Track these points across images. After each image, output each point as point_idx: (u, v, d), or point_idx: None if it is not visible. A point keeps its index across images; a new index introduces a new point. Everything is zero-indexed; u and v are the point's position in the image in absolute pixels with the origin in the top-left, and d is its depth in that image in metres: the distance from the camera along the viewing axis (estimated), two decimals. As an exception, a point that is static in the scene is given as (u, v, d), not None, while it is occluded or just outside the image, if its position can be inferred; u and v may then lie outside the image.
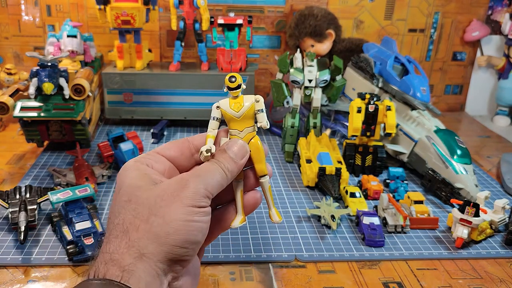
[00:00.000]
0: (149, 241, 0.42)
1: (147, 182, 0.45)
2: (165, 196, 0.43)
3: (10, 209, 0.77)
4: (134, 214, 0.43)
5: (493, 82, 1.54)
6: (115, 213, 0.44)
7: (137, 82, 1.23)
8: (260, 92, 1.47)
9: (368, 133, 1.02)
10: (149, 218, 0.42)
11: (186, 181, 0.44)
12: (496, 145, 1.29)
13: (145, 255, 0.41)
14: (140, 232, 0.42)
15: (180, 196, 0.43)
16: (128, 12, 1.17)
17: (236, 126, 0.49)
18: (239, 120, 0.49)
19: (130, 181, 0.45)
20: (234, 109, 0.48)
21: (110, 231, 0.43)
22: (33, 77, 1.01)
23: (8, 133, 1.22)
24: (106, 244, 0.43)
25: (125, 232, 0.42)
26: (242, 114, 0.48)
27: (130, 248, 0.41)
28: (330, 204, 0.86)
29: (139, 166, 0.47)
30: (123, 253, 0.41)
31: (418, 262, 0.76)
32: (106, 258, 0.41)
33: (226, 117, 0.49)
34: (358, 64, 1.24)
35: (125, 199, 0.44)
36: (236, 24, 1.22)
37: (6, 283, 0.67)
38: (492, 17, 1.47)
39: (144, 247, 0.41)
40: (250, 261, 0.74)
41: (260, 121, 0.49)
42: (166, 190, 0.44)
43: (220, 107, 0.49)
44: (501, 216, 0.85)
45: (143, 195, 0.44)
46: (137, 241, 0.41)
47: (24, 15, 1.36)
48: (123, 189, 0.45)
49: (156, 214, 0.42)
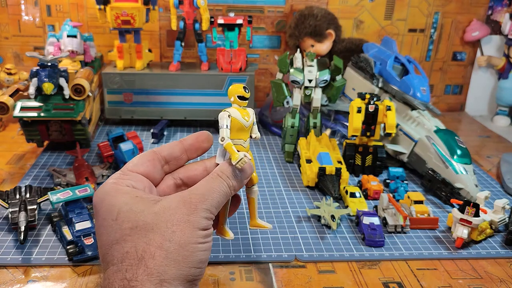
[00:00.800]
0: (168, 267, 0.42)
1: (146, 205, 0.45)
2: (175, 221, 0.44)
3: (10, 209, 0.77)
4: (146, 241, 0.43)
5: (493, 82, 1.54)
6: (117, 240, 0.44)
7: (137, 82, 1.23)
8: (260, 92, 1.47)
9: (368, 133, 1.02)
10: (164, 244, 0.43)
11: (195, 206, 0.45)
12: (496, 145, 1.29)
13: (165, 281, 0.42)
14: (157, 259, 0.42)
15: (190, 221, 0.44)
16: (128, 12, 1.18)
17: (242, 136, 0.50)
18: (247, 130, 0.50)
19: (128, 207, 0.45)
20: (244, 118, 0.50)
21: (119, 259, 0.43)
22: (33, 77, 1.01)
23: (8, 133, 1.22)
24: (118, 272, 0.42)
25: (140, 260, 0.42)
26: (250, 124, 0.50)
27: (150, 276, 0.42)
28: (330, 204, 0.86)
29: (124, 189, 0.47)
30: (143, 280, 0.42)
31: (418, 262, 0.76)
32: (125, 284, 0.42)
33: (235, 126, 0.49)
34: (358, 64, 1.24)
35: (129, 226, 0.44)
36: (236, 24, 1.22)
37: (6, 283, 0.67)
38: (492, 17, 1.47)
39: (164, 272, 0.42)
40: (250, 261, 0.74)
41: (255, 133, 0.52)
42: (175, 214, 0.44)
43: (231, 115, 0.49)
44: (501, 216, 0.85)
45: (150, 220, 0.44)
46: (156, 268, 0.42)
47: (24, 15, 1.36)
48: (122, 215, 0.44)
49: (171, 240, 0.43)
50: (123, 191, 0.46)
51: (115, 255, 0.44)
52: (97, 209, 0.47)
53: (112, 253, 0.44)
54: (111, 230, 0.44)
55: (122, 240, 0.43)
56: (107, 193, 0.47)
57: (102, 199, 0.46)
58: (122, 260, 0.43)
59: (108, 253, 0.44)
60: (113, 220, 0.45)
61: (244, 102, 0.50)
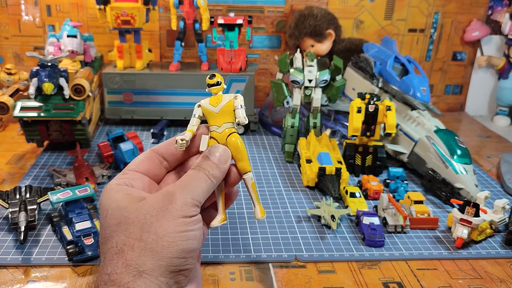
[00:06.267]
0: (146, 258, 0.42)
1: (131, 201, 0.45)
2: (153, 211, 0.44)
3: (10, 209, 0.77)
4: (126, 234, 0.43)
5: (493, 82, 1.54)
6: (106, 237, 0.44)
7: (137, 82, 1.23)
8: (260, 92, 1.47)
9: (368, 133, 1.02)
10: (142, 236, 0.43)
11: (173, 195, 0.45)
12: (496, 145, 1.29)
13: (144, 272, 0.42)
14: (135, 250, 0.42)
15: (169, 209, 0.44)
16: (128, 12, 1.18)
17: (214, 121, 0.50)
18: (218, 115, 0.50)
19: (115, 204, 0.45)
20: (213, 104, 0.50)
21: (104, 254, 0.44)
22: (33, 77, 1.01)
23: (8, 133, 1.22)
24: (102, 267, 0.43)
25: (120, 253, 0.42)
26: (220, 109, 0.50)
27: (128, 267, 0.42)
28: (330, 204, 0.86)
29: (121, 187, 0.47)
30: (121, 272, 0.41)
31: (418, 262, 0.76)
32: (105, 279, 0.42)
33: (205, 113, 0.51)
34: (358, 64, 1.24)
35: (114, 222, 0.44)
36: (236, 24, 1.22)
37: (6, 283, 0.67)
38: (492, 17, 1.47)
39: (142, 264, 0.42)
40: (250, 261, 0.74)
41: (237, 117, 0.50)
42: (154, 205, 0.44)
43: (201, 105, 0.51)
44: (501, 216, 0.85)
45: (131, 214, 0.44)
46: (135, 260, 0.42)
47: (24, 15, 1.36)
48: (110, 213, 0.45)
49: (149, 230, 0.43)
50: (116, 190, 0.47)
51: (103, 252, 0.44)
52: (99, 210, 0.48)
53: (102, 250, 0.45)
54: (102, 228, 0.45)
55: (110, 236, 0.44)
56: (107, 191, 0.47)
57: (102, 198, 0.47)
58: (105, 256, 0.43)
59: (100, 251, 0.45)
60: (103, 218, 0.45)
61: (213, 88, 0.50)
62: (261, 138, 1.24)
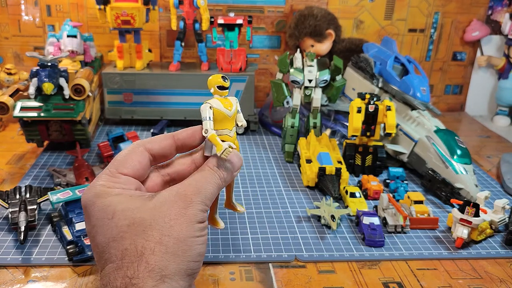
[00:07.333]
0: (168, 262, 0.42)
1: (141, 202, 0.45)
2: (172, 215, 0.44)
3: (10, 209, 0.77)
4: (145, 237, 0.43)
5: (493, 82, 1.54)
6: (115, 238, 0.43)
7: (137, 82, 1.23)
8: (260, 92, 1.47)
9: (368, 133, 1.02)
10: (162, 240, 0.43)
11: (190, 200, 0.45)
12: (496, 145, 1.29)
13: (167, 276, 0.42)
14: (156, 254, 0.42)
15: (187, 214, 0.44)
16: (128, 12, 1.18)
17: (227, 125, 0.50)
18: (230, 119, 0.50)
19: (122, 205, 0.45)
20: (227, 107, 0.50)
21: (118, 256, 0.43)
22: (33, 77, 1.01)
23: (8, 133, 1.22)
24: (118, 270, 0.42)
25: (140, 256, 0.42)
26: (233, 113, 0.50)
27: (151, 272, 0.42)
28: (330, 204, 0.86)
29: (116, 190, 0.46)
30: (144, 277, 0.41)
31: (418, 262, 0.76)
32: (126, 282, 0.42)
33: (218, 116, 0.49)
34: (358, 64, 1.24)
35: (126, 223, 0.44)
36: (236, 24, 1.22)
37: (6, 283, 0.67)
38: (492, 17, 1.47)
39: (165, 268, 0.42)
40: (250, 261, 0.74)
41: (240, 120, 0.51)
42: (171, 208, 0.44)
43: (213, 106, 0.49)
44: (501, 216, 0.85)
45: (146, 216, 0.44)
46: (157, 264, 0.42)
47: (24, 15, 1.36)
48: (118, 213, 0.44)
49: (169, 234, 0.43)
50: (115, 193, 0.46)
51: (112, 252, 0.43)
52: (88, 211, 0.46)
53: (110, 251, 0.44)
54: (107, 229, 0.44)
55: (119, 237, 0.43)
56: (97, 195, 0.46)
57: (92, 201, 0.46)
58: (121, 257, 0.43)
59: (106, 251, 0.44)
60: (108, 219, 0.44)
61: (224, 91, 0.50)
62: (261, 138, 1.24)
